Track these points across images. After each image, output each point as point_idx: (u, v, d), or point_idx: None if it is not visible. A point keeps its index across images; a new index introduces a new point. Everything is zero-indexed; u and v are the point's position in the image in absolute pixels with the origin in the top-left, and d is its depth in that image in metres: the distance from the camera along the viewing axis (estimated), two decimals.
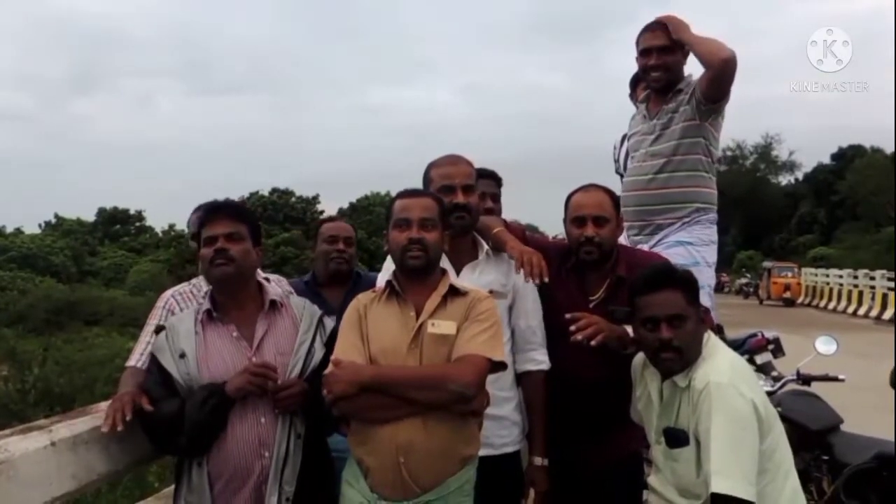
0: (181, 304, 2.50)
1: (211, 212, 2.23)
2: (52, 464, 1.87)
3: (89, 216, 46.64)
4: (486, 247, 2.48)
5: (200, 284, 2.57)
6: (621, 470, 2.52)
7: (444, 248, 2.20)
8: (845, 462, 3.29)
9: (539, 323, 2.48)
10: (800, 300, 26.25)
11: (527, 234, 2.64)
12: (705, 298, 3.11)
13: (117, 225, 46.71)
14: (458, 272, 2.42)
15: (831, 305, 23.55)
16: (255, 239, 2.25)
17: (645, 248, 3.12)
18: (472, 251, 2.49)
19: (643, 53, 3.20)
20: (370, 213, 38.75)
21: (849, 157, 44.58)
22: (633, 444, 2.51)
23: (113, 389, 2.29)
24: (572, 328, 2.25)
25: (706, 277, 3.16)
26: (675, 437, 2.04)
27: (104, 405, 2.23)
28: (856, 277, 24.91)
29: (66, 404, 10.24)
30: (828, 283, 25.64)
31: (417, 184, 2.46)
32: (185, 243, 35.54)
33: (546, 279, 2.34)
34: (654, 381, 2.16)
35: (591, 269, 2.49)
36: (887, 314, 19.52)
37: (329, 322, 2.29)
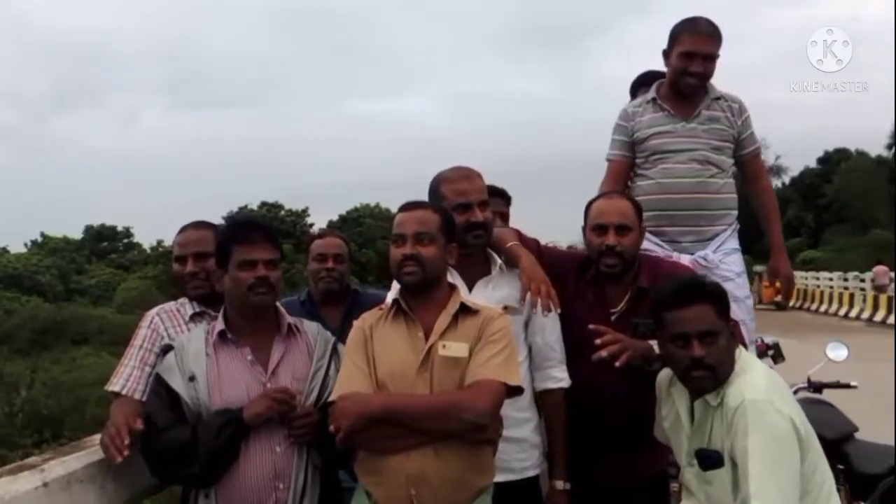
0: (166, 323, 2.38)
1: (248, 232, 2.12)
2: None
3: (76, 233, 46.26)
4: (498, 261, 2.38)
5: (186, 304, 2.45)
6: (646, 490, 2.42)
7: (448, 262, 2.10)
8: (862, 472, 3.22)
9: (557, 338, 2.38)
10: (791, 303, 26.31)
11: (542, 247, 2.55)
12: (745, 311, 3.04)
13: (105, 242, 46.39)
14: (470, 288, 2.32)
15: (822, 308, 23.60)
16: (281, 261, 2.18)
17: (702, 254, 3.02)
18: (484, 266, 2.39)
19: (686, 56, 2.98)
20: (360, 224, 38.66)
21: (835, 161, 45.04)
22: (658, 463, 2.42)
23: (104, 411, 2.18)
24: (597, 342, 2.16)
25: (746, 287, 3.13)
26: (709, 459, 1.94)
27: (98, 438, 2.12)
28: (846, 280, 25.03)
29: (54, 427, 10.06)
30: (818, 286, 25.74)
31: (406, 194, 2.35)
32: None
33: (558, 310, 2.25)
34: (682, 400, 2.05)
35: (612, 280, 2.41)
36: (878, 316, 19.59)
37: (343, 349, 2.19)
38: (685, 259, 2.97)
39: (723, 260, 3.03)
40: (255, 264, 2.05)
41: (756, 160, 3.26)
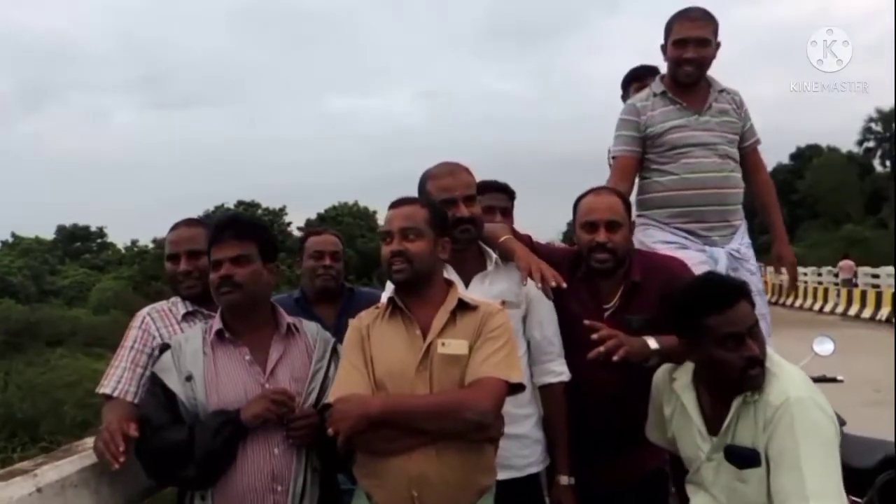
0: (158, 323, 2.33)
1: (217, 231, 2.07)
2: None
3: (48, 234, 45.48)
4: (494, 256, 2.36)
5: (178, 303, 2.40)
6: (644, 487, 2.41)
7: (441, 257, 2.07)
8: (851, 465, 3.23)
9: (555, 331, 2.37)
10: (766, 298, 26.65)
11: (534, 242, 2.53)
12: (764, 305, 3.04)
13: (78, 242, 45.68)
14: (466, 284, 2.30)
15: (797, 303, 23.93)
16: (267, 256, 2.10)
17: (735, 247, 3.01)
18: (478, 261, 2.36)
19: (678, 43, 2.98)
20: (339, 223, 38.51)
21: (806, 157, 45.81)
22: (656, 460, 2.40)
23: (83, 413, 2.12)
24: (594, 336, 2.12)
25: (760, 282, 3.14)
26: (744, 457, 1.88)
27: (90, 442, 2.06)
28: (819, 275, 25.45)
29: (30, 430, 9.87)
30: None
31: (381, 192, 2.33)
32: (149, 259, 34.94)
33: (563, 285, 2.22)
34: (689, 396, 2.02)
35: (604, 275, 2.38)
36: (852, 310, 19.94)
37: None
38: (721, 253, 2.96)
39: (748, 253, 3.06)
40: (220, 264, 2.02)
41: (756, 153, 3.25)
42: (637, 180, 3.17)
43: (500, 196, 2.97)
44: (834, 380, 3.70)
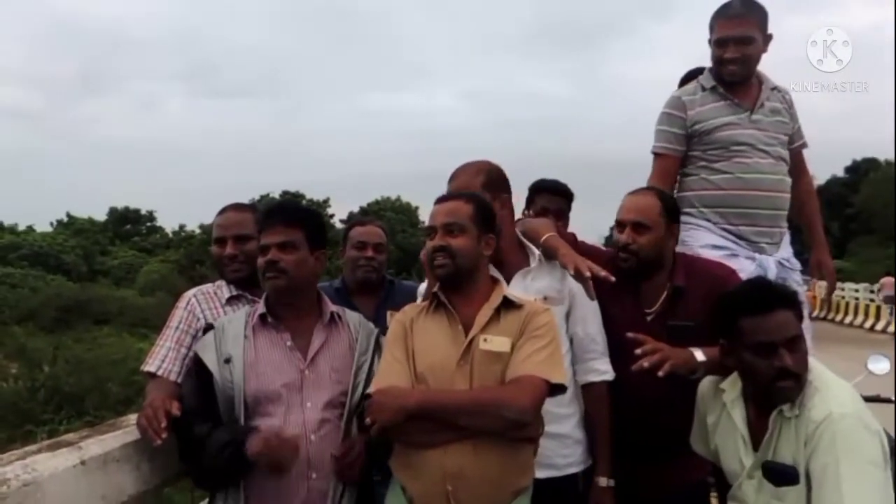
0: (203, 305, 2.36)
1: (265, 218, 2.10)
2: (82, 485, 1.74)
3: (100, 215, 46.91)
4: (537, 253, 2.32)
5: (223, 286, 2.43)
6: (687, 498, 2.34)
7: (485, 254, 2.04)
8: None
9: (599, 329, 2.31)
10: (814, 314, 25.84)
11: (578, 242, 2.48)
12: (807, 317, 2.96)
13: (128, 224, 47.00)
14: (508, 280, 2.26)
15: (847, 320, 23.17)
16: (315, 243, 2.10)
17: (785, 255, 2.91)
18: (521, 258, 2.33)
19: (719, 43, 2.87)
20: (381, 217, 38.75)
21: (863, 171, 44.28)
22: (700, 471, 2.32)
23: (127, 391, 2.16)
24: (637, 352, 2.06)
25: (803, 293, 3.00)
26: (782, 474, 1.81)
27: (133, 418, 2.10)
28: (872, 291, 24.56)
29: (75, 404, 10.20)
30: (843, 297, 25.27)
31: (424, 189, 2.30)
32: (195, 243, 35.80)
33: (612, 278, 2.15)
34: (737, 409, 1.94)
35: (646, 278, 2.32)
36: None
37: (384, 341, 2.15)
38: (770, 262, 2.84)
39: (796, 263, 2.95)
40: (267, 249, 2.03)
41: (801, 156, 3.12)
42: (678, 177, 3.04)
43: (556, 199, 2.92)
44: (889, 400, 3.55)
